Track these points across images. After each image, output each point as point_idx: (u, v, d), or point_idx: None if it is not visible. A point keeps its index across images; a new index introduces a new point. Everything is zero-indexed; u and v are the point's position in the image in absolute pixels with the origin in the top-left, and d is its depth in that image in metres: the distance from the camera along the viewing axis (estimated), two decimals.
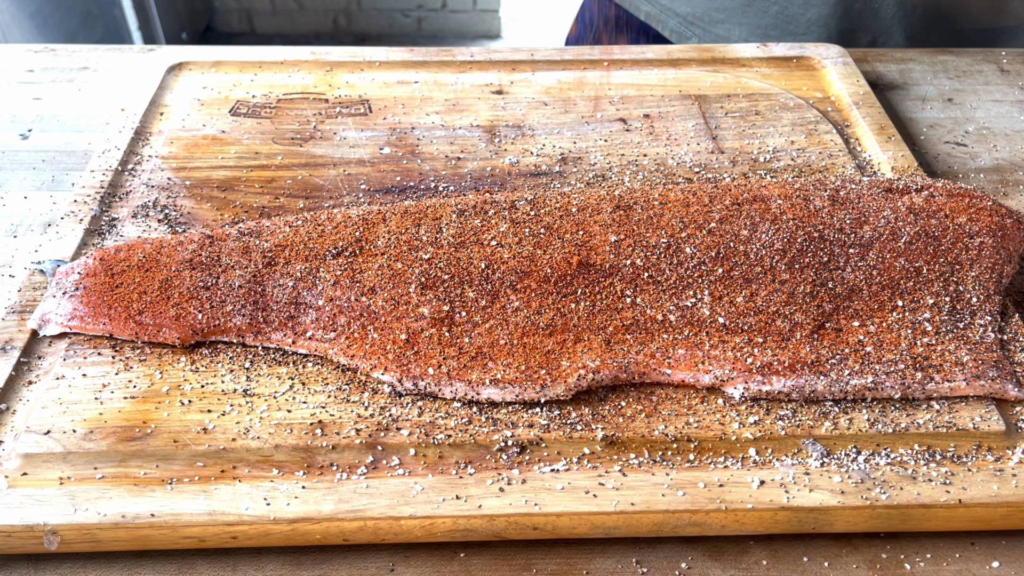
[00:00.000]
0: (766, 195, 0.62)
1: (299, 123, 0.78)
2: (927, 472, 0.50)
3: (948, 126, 0.83)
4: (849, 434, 0.52)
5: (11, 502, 0.47)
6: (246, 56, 0.87)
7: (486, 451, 0.51)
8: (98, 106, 0.83)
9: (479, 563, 0.49)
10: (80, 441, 0.50)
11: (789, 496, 0.49)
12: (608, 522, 0.48)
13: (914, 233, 0.60)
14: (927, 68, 0.92)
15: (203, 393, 0.54)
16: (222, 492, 0.48)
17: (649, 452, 0.51)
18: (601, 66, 0.87)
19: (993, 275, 0.59)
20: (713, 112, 0.80)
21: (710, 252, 0.58)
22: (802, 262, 0.58)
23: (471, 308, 0.56)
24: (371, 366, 0.54)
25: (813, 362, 0.54)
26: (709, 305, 0.56)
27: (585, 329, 0.55)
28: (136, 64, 0.89)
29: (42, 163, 0.75)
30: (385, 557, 0.49)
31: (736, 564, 0.49)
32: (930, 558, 0.50)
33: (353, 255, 0.58)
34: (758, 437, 0.52)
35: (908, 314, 0.57)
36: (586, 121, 0.79)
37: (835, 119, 0.81)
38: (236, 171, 0.72)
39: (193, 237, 0.60)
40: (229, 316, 0.56)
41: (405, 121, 0.79)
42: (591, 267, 0.58)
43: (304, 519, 0.47)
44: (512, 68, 0.87)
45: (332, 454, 0.50)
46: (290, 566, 0.49)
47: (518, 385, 0.53)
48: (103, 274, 0.58)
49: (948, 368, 0.54)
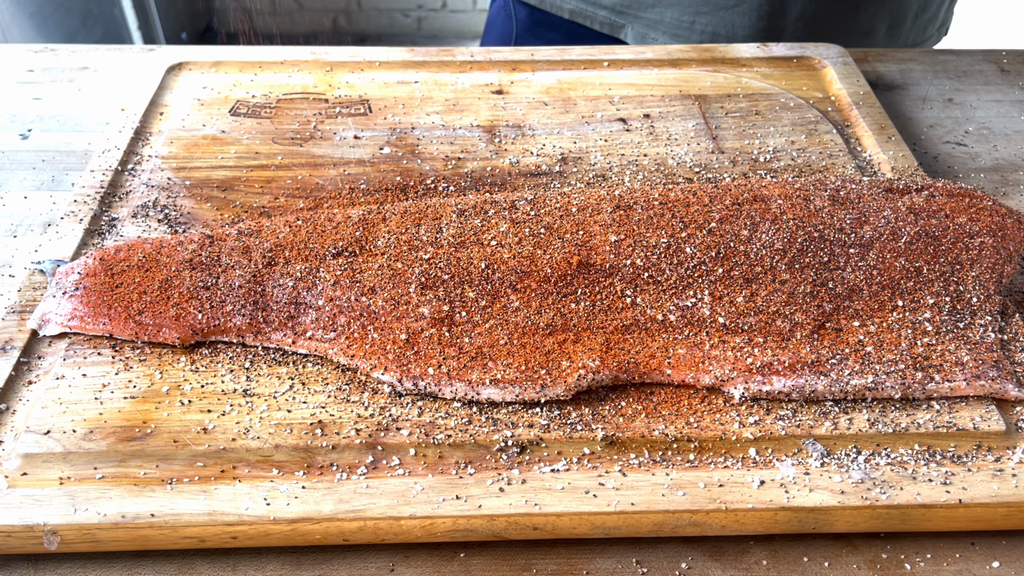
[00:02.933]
0: (766, 195, 0.62)
1: (299, 123, 0.78)
2: (927, 472, 0.50)
3: (948, 126, 0.83)
4: (849, 434, 0.52)
5: (11, 502, 0.47)
6: (246, 56, 0.87)
7: (486, 451, 0.51)
8: (98, 106, 0.83)
9: (479, 563, 0.49)
10: (80, 441, 0.50)
11: (789, 496, 0.49)
12: (608, 522, 0.48)
13: (914, 233, 0.60)
14: (927, 68, 0.92)
15: (203, 393, 0.54)
16: (222, 492, 0.48)
17: (649, 452, 0.51)
18: (601, 66, 0.87)
19: (993, 275, 0.59)
20: (713, 112, 0.80)
21: (710, 252, 0.58)
22: (802, 262, 0.58)
23: (471, 308, 0.56)
24: (371, 366, 0.54)
25: (813, 362, 0.54)
26: (709, 305, 0.56)
27: (585, 329, 0.55)
28: (136, 64, 0.89)
29: (42, 163, 0.75)
30: (385, 557, 0.49)
31: (736, 564, 0.49)
32: (930, 558, 0.50)
33: (353, 255, 0.58)
34: (758, 437, 0.52)
35: (908, 314, 0.57)
36: (586, 121, 0.79)
37: (835, 119, 0.81)
38: (236, 171, 0.72)
39: (193, 237, 0.60)
40: (229, 316, 0.56)
41: (405, 121, 0.79)
42: (591, 267, 0.58)
43: (304, 519, 0.47)
44: (512, 68, 0.87)
45: (332, 454, 0.50)
46: (290, 566, 0.49)
47: (518, 385, 0.53)
48: (103, 274, 0.58)
49: (948, 368, 0.54)
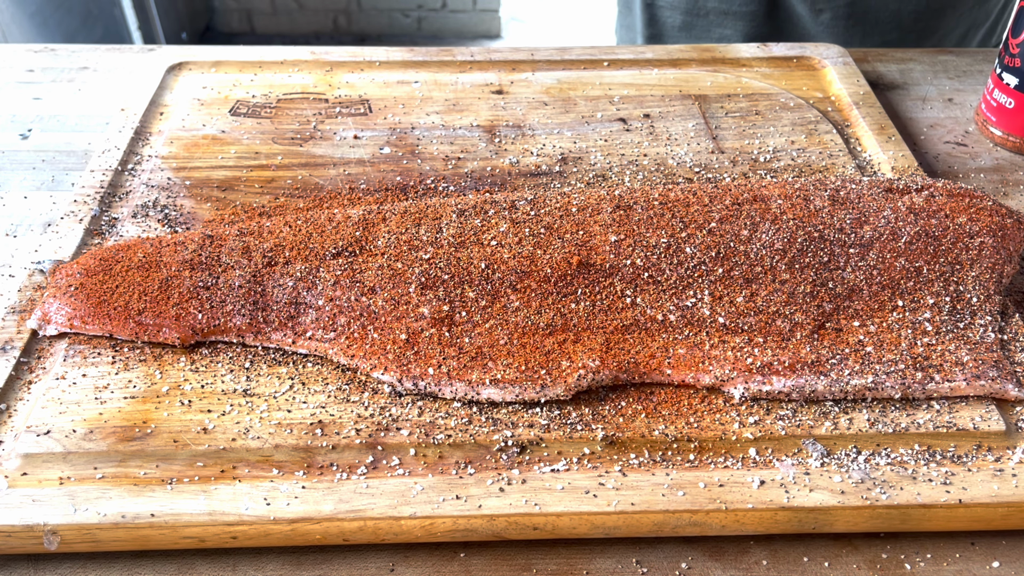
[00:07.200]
0: (766, 195, 0.62)
1: (299, 123, 0.78)
2: (927, 472, 0.50)
3: (948, 126, 0.83)
4: (849, 434, 0.52)
5: (11, 502, 0.47)
6: (246, 56, 0.87)
7: (486, 451, 0.51)
8: (98, 106, 0.83)
9: (479, 563, 0.49)
10: (80, 441, 0.50)
11: (789, 496, 0.49)
12: (608, 522, 0.48)
13: (914, 233, 0.60)
14: (927, 68, 0.92)
15: (203, 393, 0.54)
16: (222, 492, 0.48)
17: (649, 452, 0.51)
18: (601, 66, 0.87)
19: (993, 275, 0.59)
20: (713, 112, 0.80)
21: (710, 252, 0.58)
22: (802, 262, 0.58)
23: (471, 308, 0.56)
24: (371, 366, 0.54)
25: (813, 362, 0.54)
26: (709, 305, 0.56)
27: (585, 329, 0.55)
28: (136, 64, 0.89)
29: (42, 163, 0.75)
30: (385, 557, 0.49)
31: (736, 564, 0.49)
32: (930, 558, 0.50)
33: (353, 255, 0.58)
34: (758, 437, 0.52)
35: (908, 314, 0.57)
36: (586, 121, 0.79)
37: (835, 119, 0.81)
38: (236, 171, 0.72)
39: (193, 237, 0.60)
40: (229, 316, 0.56)
41: (405, 121, 0.79)
42: (591, 267, 0.58)
43: (304, 519, 0.47)
44: (512, 68, 0.87)
45: (332, 454, 0.50)
46: (290, 566, 0.49)
47: (518, 385, 0.53)
48: (103, 274, 0.58)
49: (948, 368, 0.54)
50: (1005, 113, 0.78)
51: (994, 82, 0.79)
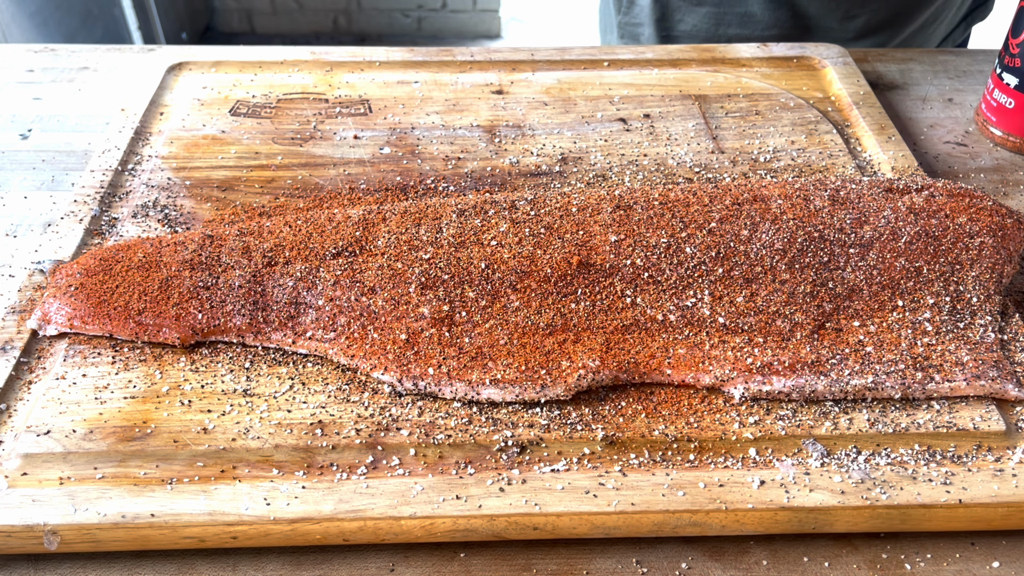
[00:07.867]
0: (766, 195, 0.62)
1: (299, 123, 0.78)
2: (927, 472, 0.50)
3: (948, 126, 0.83)
4: (849, 434, 0.52)
5: (11, 502, 0.47)
6: (246, 56, 0.87)
7: (486, 451, 0.51)
8: (98, 106, 0.83)
9: (479, 563, 0.49)
10: (80, 441, 0.50)
11: (789, 496, 0.49)
12: (608, 522, 0.48)
13: (914, 233, 0.60)
14: (927, 68, 0.92)
15: (203, 393, 0.54)
16: (222, 492, 0.48)
17: (649, 452, 0.51)
18: (601, 66, 0.87)
19: (993, 275, 0.59)
20: (713, 112, 0.80)
21: (710, 252, 0.58)
22: (802, 262, 0.58)
23: (471, 308, 0.56)
24: (371, 366, 0.54)
25: (813, 362, 0.54)
26: (709, 305, 0.56)
27: (585, 329, 0.55)
28: (136, 64, 0.89)
29: (42, 163, 0.75)
30: (385, 557, 0.49)
31: (736, 564, 0.49)
32: (930, 558, 0.50)
33: (353, 255, 0.58)
34: (758, 437, 0.52)
35: (908, 314, 0.57)
36: (586, 121, 0.79)
37: (835, 119, 0.81)
38: (236, 171, 0.72)
39: (193, 237, 0.60)
40: (229, 316, 0.56)
41: (405, 121, 0.79)
42: (591, 267, 0.58)
43: (304, 519, 0.47)
44: (512, 68, 0.87)
45: (332, 454, 0.50)
46: (290, 566, 0.49)
47: (518, 385, 0.53)
48: (103, 274, 0.58)
49: (948, 368, 0.54)
50: (1005, 113, 0.78)
51: (994, 82, 0.79)
